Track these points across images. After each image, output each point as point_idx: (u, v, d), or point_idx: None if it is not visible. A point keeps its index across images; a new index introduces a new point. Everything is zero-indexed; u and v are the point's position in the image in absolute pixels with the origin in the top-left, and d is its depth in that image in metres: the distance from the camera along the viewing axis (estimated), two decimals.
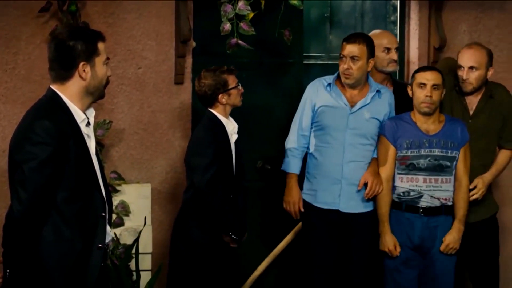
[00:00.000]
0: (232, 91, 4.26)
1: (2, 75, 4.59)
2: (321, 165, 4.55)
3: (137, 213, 4.83)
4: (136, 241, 4.71)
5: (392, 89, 4.84)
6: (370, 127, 4.54)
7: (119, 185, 4.78)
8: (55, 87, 3.14)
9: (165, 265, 4.50)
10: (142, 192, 4.88)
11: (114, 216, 4.65)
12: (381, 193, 4.49)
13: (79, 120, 3.14)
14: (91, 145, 3.20)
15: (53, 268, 3.04)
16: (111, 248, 4.59)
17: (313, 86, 4.65)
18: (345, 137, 4.51)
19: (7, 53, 4.60)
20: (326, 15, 5.62)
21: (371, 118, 4.54)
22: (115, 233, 4.69)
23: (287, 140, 4.67)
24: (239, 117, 4.41)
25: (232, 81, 4.27)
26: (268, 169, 5.18)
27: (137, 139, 4.91)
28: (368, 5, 5.68)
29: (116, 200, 4.73)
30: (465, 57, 4.60)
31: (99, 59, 3.15)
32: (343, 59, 4.50)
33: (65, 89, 3.13)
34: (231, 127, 4.30)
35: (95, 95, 3.21)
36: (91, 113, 3.23)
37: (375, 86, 4.59)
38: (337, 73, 4.59)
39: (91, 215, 3.14)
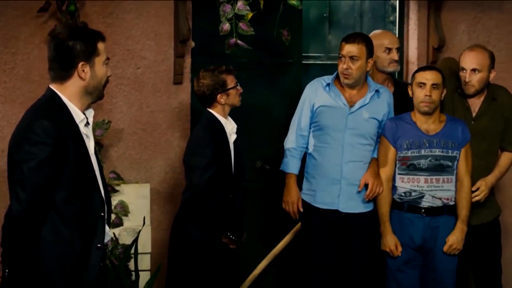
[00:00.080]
0: (230, 91, 4.25)
1: (1, 75, 4.59)
2: (320, 165, 4.55)
3: (136, 213, 4.83)
4: (135, 241, 4.71)
5: (393, 89, 4.84)
6: (369, 127, 4.54)
7: (118, 185, 4.78)
8: (54, 87, 3.14)
9: (164, 265, 4.49)
10: (141, 192, 4.88)
11: (113, 216, 4.65)
12: (381, 194, 4.49)
13: (78, 120, 3.13)
14: (90, 145, 3.20)
15: (52, 268, 3.04)
16: (110, 248, 4.59)
17: (312, 86, 4.64)
18: (344, 137, 4.50)
19: (6, 53, 4.60)
20: (325, 15, 5.62)
21: (370, 118, 4.53)
22: (114, 233, 4.68)
23: (286, 140, 4.67)
24: (238, 117, 4.41)
25: (230, 81, 4.26)
26: (267, 169, 5.18)
27: (136, 139, 4.91)
28: (367, 5, 5.68)
29: (115, 200, 4.73)
30: (468, 60, 4.59)
31: (99, 59, 3.15)
32: (342, 59, 4.49)
33: (64, 89, 3.13)
34: (230, 127, 4.29)
35: (95, 95, 3.20)
36: (90, 113, 3.23)
37: (374, 86, 4.58)
38: (336, 73, 4.58)
39: (90, 215, 3.14)
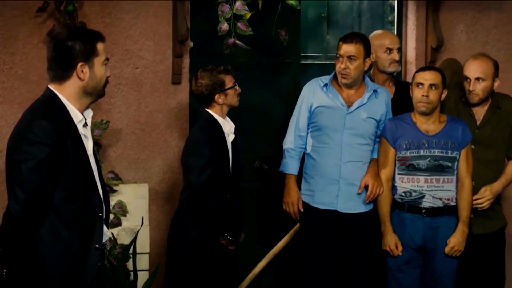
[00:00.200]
0: (229, 91, 4.25)
1: None
2: (319, 165, 4.54)
3: (134, 213, 4.83)
4: (133, 241, 4.71)
5: (394, 89, 4.84)
6: (367, 127, 4.54)
7: (117, 185, 4.78)
8: (53, 87, 3.13)
9: (162, 265, 4.49)
10: (139, 192, 4.88)
11: (111, 216, 4.64)
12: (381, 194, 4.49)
13: (76, 120, 3.13)
14: (89, 146, 3.19)
15: (50, 268, 3.03)
16: (108, 248, 4.59)
17: (310, 86, 4.64)
18: (342, 137, 4.50)
19: (5, 53, 4.60)
20: (323, 15, 5.63)
21: (368, 118, 4.53)
22: (112, 233, 4.68)
23: (285, 140, 4.66)
24: (236, 117, 4.41)
25: (229, 81, 4.26)
26: (265, 169, 5.18)
27: (135, 139, 4.91)
28: (365, 5, 5.68)
29: (113, 200, 4.72)
30: (472, 68, 4.56)
31: (98, 60, 3.15)
32: (339, 58, 4.49)
33: (63, 89, 3.13)
34: (228, 127, 4.29)
35: (94, 96, 3.20)
36: (89, 113, 3.22)
37: (371, 86, 4.58)
38: (334, 73, 4.58)
39: (89, 215, 3.14)
